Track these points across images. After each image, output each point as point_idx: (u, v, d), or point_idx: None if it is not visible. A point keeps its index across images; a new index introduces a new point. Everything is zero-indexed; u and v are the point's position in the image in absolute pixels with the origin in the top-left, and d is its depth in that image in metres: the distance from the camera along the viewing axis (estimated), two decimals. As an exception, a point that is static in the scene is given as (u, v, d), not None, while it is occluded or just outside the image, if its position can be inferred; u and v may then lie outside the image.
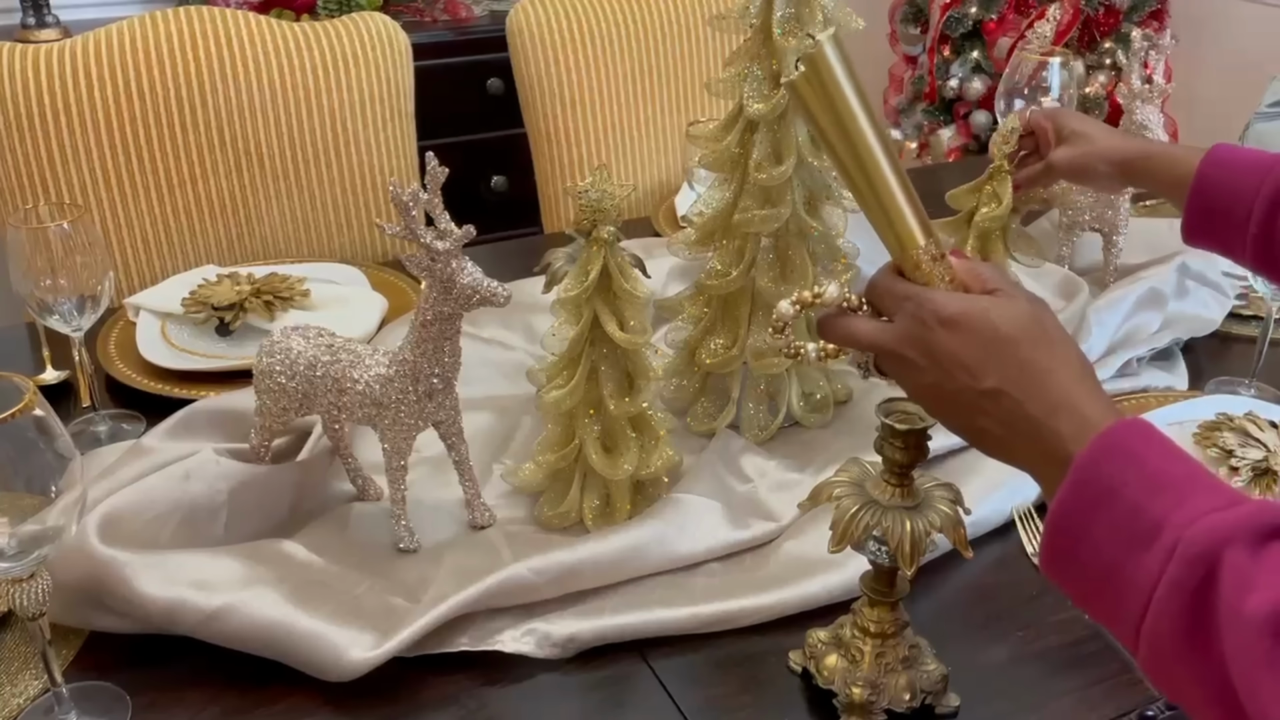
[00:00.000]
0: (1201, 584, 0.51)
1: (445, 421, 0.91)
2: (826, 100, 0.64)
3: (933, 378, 0.63)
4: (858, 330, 0.67)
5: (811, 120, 0.66)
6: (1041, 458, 0.61)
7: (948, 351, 0.62)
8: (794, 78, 0.64)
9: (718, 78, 0.99)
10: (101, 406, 1.11)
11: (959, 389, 0.62)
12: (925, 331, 0.63)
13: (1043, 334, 0.62)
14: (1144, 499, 0.54)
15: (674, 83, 1.72)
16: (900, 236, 0.66)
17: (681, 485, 0.96)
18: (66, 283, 1.01)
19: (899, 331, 0.65)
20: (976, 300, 0.63)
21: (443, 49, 2.32)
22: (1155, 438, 0.57)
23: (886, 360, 0.67)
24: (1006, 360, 0.61)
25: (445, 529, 0.94)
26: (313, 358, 0.88)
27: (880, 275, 0.68)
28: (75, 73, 1.35)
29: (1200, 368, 1.18)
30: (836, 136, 0.65)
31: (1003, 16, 2.64)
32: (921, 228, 0.66)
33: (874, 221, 0.67)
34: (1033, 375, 0.61)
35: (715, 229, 1.04)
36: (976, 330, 0.62)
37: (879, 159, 0.65)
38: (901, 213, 0.65)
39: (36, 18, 2.19)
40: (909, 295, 0.65)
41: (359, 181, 1.51)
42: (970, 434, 0.65)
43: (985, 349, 0.61)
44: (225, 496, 0.87)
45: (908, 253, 0.66)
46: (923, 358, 0.63)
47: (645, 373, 0.94)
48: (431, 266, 0.81)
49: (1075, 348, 0.64)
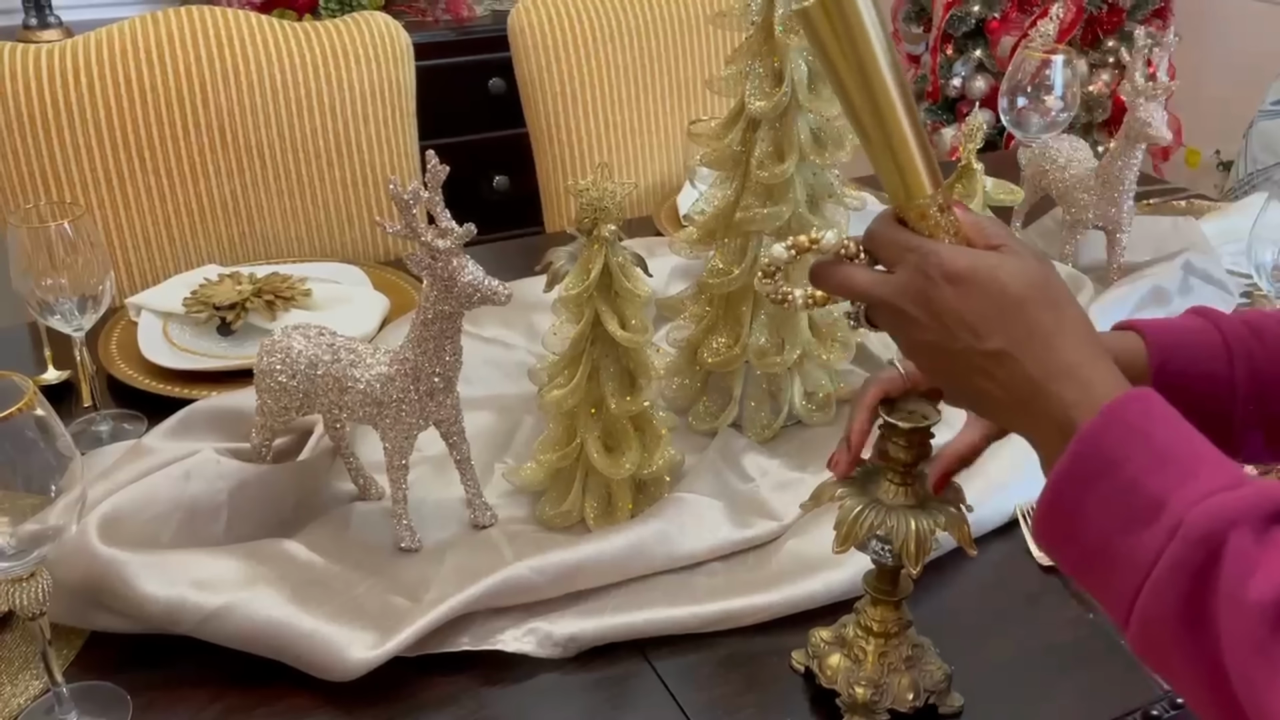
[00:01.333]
0: (1203, 566, 0.50)
1: (446, 420, 0.90)
2: (845, 31, 0.59)
3: (934, 335, 0.61)
4: (855, 279, 0.64)
5: (822, 52, 0.61)
6: (1043, 423, 0.59)
7: (952, 309, 0.59)
8: (810, 4, 0.59)
9: (719, 75, 0.99)
10: (103, 406, 1.10)
11: (961, 348, 0.60)
12: (929, 286, 0.60)
13: (1051, 296, 0.60)
14: (1146, 474, 0.53)
15: (675, 81, 1.72)
16: (909, 184, 0.62)
17: (683, 484, 0.96)
18: (67, 282, 1.01)
19: (900, 284, 0.61)
20: (985, 257, 0.60)
21: (444, 48, 2.32)
22: (1161, 411, 0.55)
23: (883, 313, 0.64)
24: (1013, 321, 0.58)
25: (447, 528, 0.94)
26: (313, 357, 0.87)
27: (881, 223, 0.64)
28: (76, 72, 1.35)
29: (1204, 366, 1.17)
30: (850, 72, 0.60)
31: (1005, 15, 2.64)
32: (931, 177, 0.62)
33: (880, 166, 0.63)
34: (1039, 338, 0.58)
35: (717, 227, 1.04)
36: (983, 288, 0.59)
37: (894, 101, 0.60)
38: (913, 159, 0.61)
39: (38, 18, 2.19)
40: (913, 247, 0.61)
41: (360, 181, 1.51)
42: (968, 394, 0.63)
43: (992, 308, 0.59)
44: (226, 496, 0.87)
45: (914, 202, 0.62)
46: (924, 313, 0.60)
47: (647, 371, 0.93)
48: (432, 265, 0.81)
49: (1082, 312, 0.61)
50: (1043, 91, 1.37)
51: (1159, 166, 2.79)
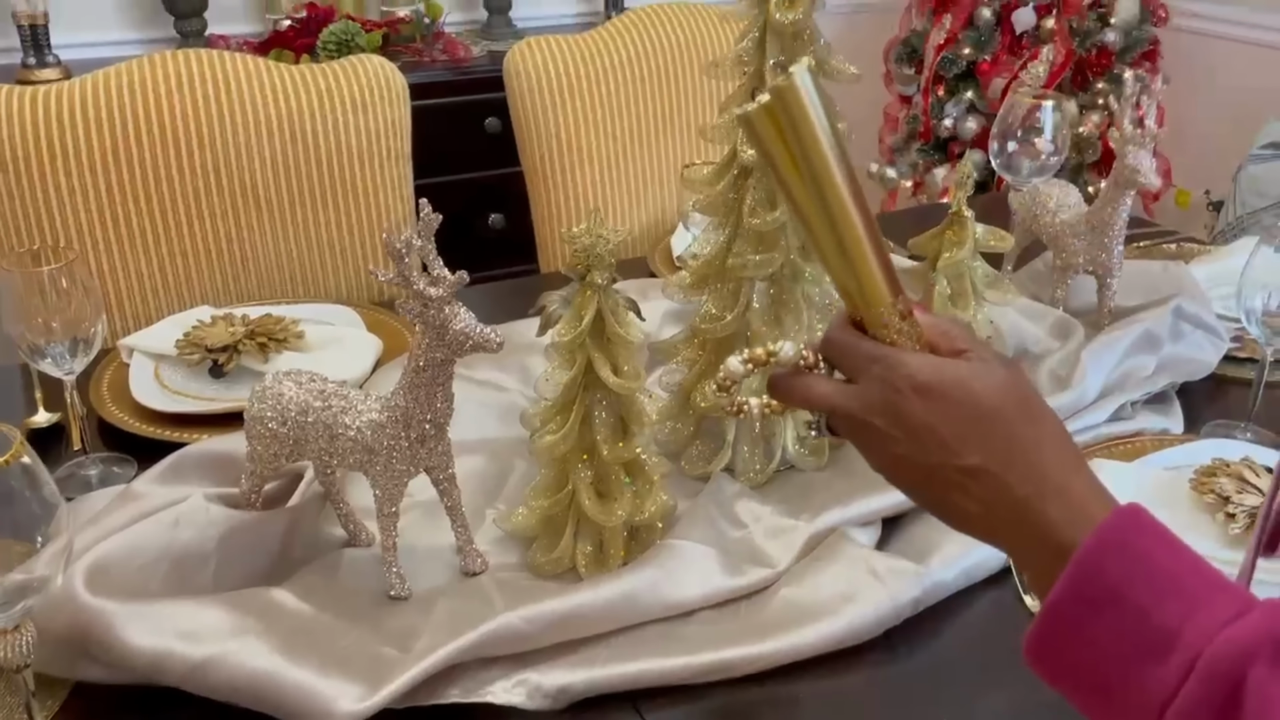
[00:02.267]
0: (1225, 703, 0.49)
1: (437, 467, 0.90)
2: (794, 136, 0.57)
3: (905, 449, 0.58)
4: (816, 391, 0.62)
5: (770, 160, 0.59)
6: (1029, 542, 0.56)
7: (923, 423, 0.57)
8: (751, 110, 0.57)
9: (712, 123, 0.99)
10: (93, 449, 1.10)
11: (936, 463, 0.57)
12: (897, 398, 0.58)
13: (1025, 405, 0.58)
14: (1153, 604, 0.51)
15: (670, 123, 1.73)
16: (866, 292, 0.60)
17: (676, 531, 0.96)
18: (59, 326, 1.01)
19: (866, 396, 0.59)
20: (954, 366, 0.58)
21: (441, 89, 2.34)
22: (1155, 530, 0.54)
23: (848, 425, 0.61)
24: (989, 435, 0.57)
25: (437, 575, 0.93)
26: (304, 403, 0.87)
27: (839, 331, 0.62)
28: (73, 115, 1.35)
29: (1196, 411, 1.18)
30: (801, 181, 0.58)
31: (996, 57, 2.67)
32: (890, 284, 0.60)
33: (834, 274, 0.61)
34: (1019, 453, 0.56)
35: (709, 273, 1.04)
36: (955, 400, 0.57)
37: (849, 208, 0.58)
38: (870, 267, 0.59)
39: (37, 57, 2.21)
40: (876, 357, 0.59)
41: (356, 222, 1.51)
42: (943, 510, 0.60)
43: (966, 422, 0.57)
44: (214, 544, 0.86)
45: (874, 310, 0.60)
46: (893, 427, 0.58)
47: (639, 418, 0.93)
48: (424, 313, 0.81)
49: (1056, 417, 0.60)
50: (1033, 135, 1.38)
51: (1149, 207, 2.81)
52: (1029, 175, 1.37)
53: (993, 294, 1.08)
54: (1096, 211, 1.22)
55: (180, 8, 2.33)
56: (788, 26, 0.92)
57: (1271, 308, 1.08)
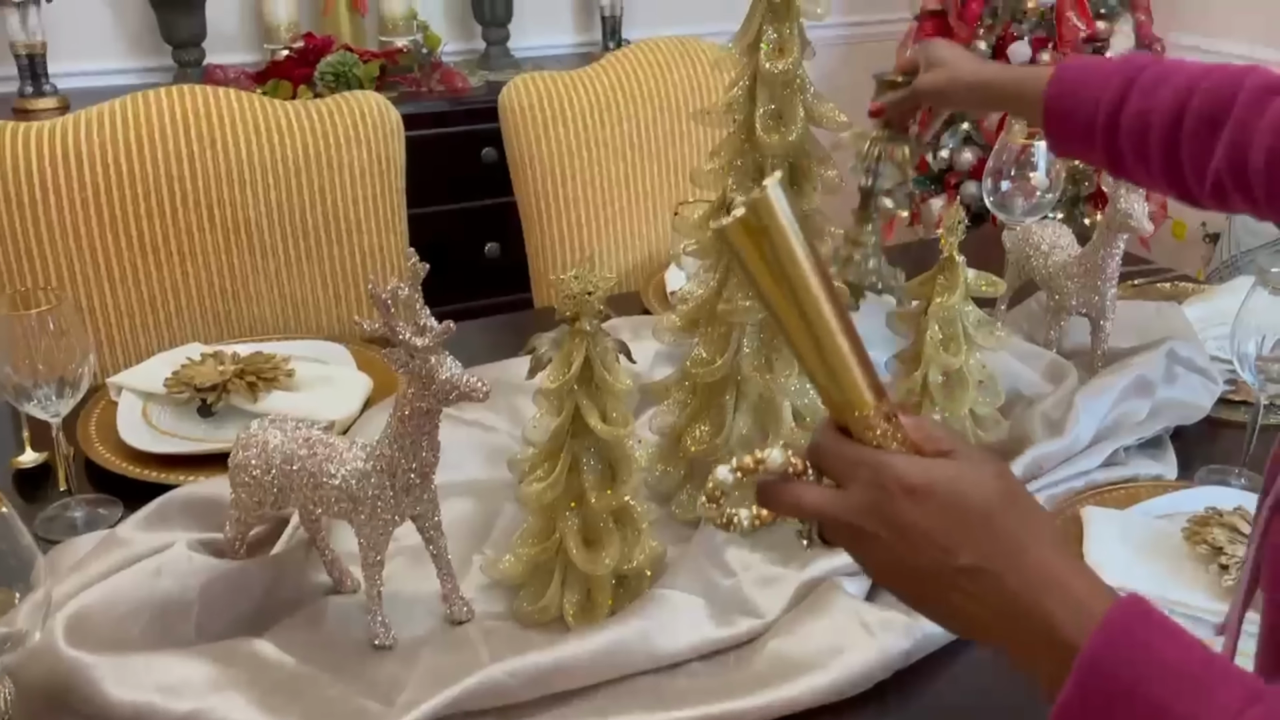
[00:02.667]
0: None
1: (423, 515, 0.89)
2: (770, 249, 0.58)
3: (898, 552, 0.58)
4: (806, 498, 0.61)
5: (746, 270, 0.60)
6: (1031, 640, 0.56)
7: (915, 525, 0.57)
8: (727, 224, 0.58)
9: (702, 168, 0.99)
10: (80, 489, 1.09)
11: (931, 566, 0.57)
12: (887, 501, 0.58)
13: (1015, 502, 0.58)
14: (1165, 700, 0.51)
15: (664, 159, 1.74)
16: (850, 397, 0.60)
17: (665, 578, 0.95)
18: (45, 368, 1.00)
19: (856, 501, 0.59)
20: (941, 467, 0.59)
21: (439, 119, 2.35)
22: (1158, 622, 0.54)
23: (840, 531, 0.61)
24: (982, 534, 0.57)
25: (422, 623, 0.92)
26: (289, 452, 0.87)
27: (825, 436, 0.62)
28: (65, 151, 1.35)
29: (1190, 455, 1.17)
30: (777, 289, 0.59)
31: (992, 89, 2.67)
32: (871, 387, 0.60)
33: (816, 380, 0.62)
34: (1013, 550, 0.57)
35: (700, 316, 1.04)
36: (946, 501, 0.57)
37: (827, 315, 0.59)
38: (851, 372, 0.60)
39: (34, 86, 2.22)
40: (863, 461, 0.59)
41: (348, 258, 1.51)
42: (942, 613, 0.60)
43: (958, 522, 0.57)
44: (197, 593, 0.86)
45: (858, 414, 0.60)
46: (886, 531, 0.58)
47: (628, 465, 0.92)
48: (410, 363, 0.80)
49: (1044, 511, 0.60)
50: (1026, 174, 1.37)
51: (1145, 240, 2.81)
52: (1023, 214, 1.37)
53: (985, 338, 1.07)
54: (1089, 254, 1.22)
55: (178, 37, 2.34)
56: (778, 75, 0.92)
57: (1265, 352, 1.07)
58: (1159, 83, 0.95)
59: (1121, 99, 0.96)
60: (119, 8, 2.40)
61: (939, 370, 1.07)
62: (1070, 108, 0.99)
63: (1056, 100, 0.99)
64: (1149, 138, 0.95)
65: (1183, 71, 0.96)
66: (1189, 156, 0.94)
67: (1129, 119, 0.96)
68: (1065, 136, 1.02)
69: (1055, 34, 2.63)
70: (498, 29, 2.61)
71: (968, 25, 2.70)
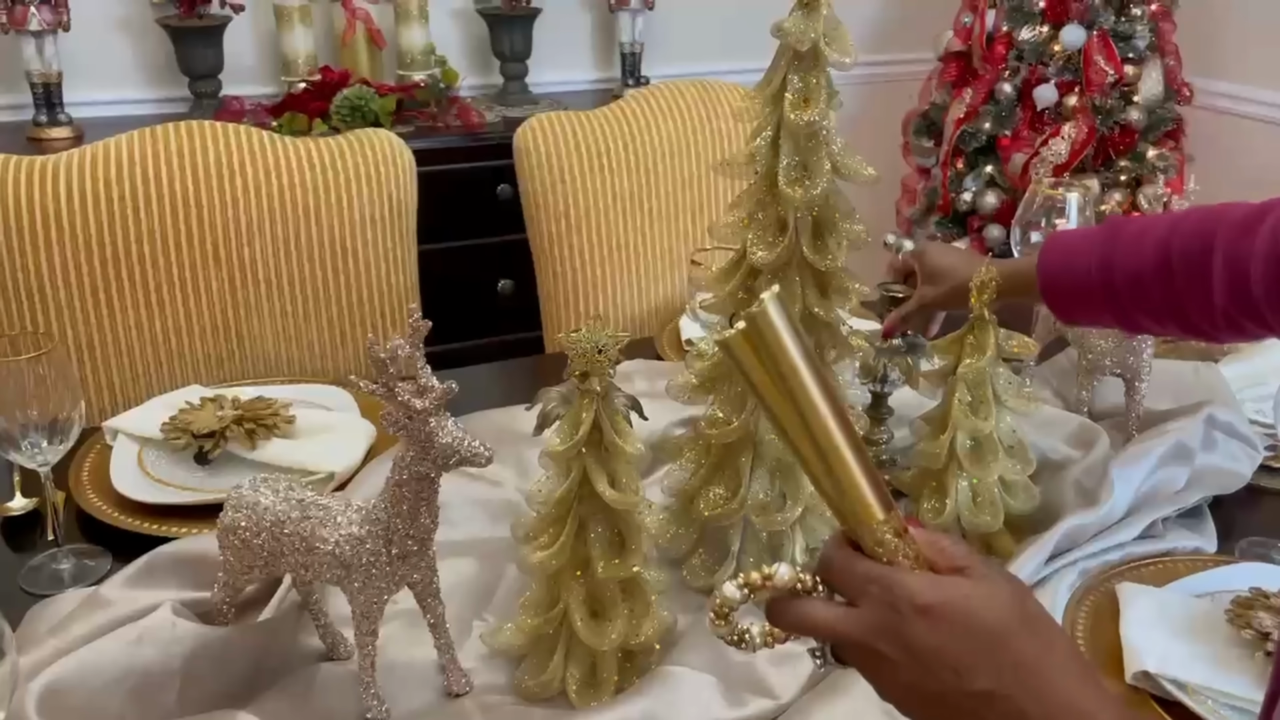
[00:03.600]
0: None
1: (420, 582, 0.85)
2: (770, 362, 0.58)
3: (912, 676, 0.57)
4: (816, 616, 0.59)
5: (750, 383, 0.60)
6: None
7: (928, 647, 0.56)
8: (729, 336, 0.58)
9: (722, 221, 0.95)
10: (71, 538, 1.05)
11: (945, 689, 0.56)
12: (899, 621, 0.56)
13: (1031, 622, 0.57)
14: None
15: (680, 203, 1.70)
16: (858, 511, 0.59)
17: (675, 651, 0.90)
18: (36, 413, 0.97)
19: (867, 621, 0.58)
20: (954, 586, 0.57)
21: (454, 154, 2.32)
22: None
23: (852, 651, 0.59)
24: (996, 657, 0.56)
25: (417, 696, 0.88)
26: (281, 514, 0.82)
27: (834, 551, 0.60)
28: (69, 187, 1.33)
29: (1230, 525, 1.11)
30: (779, 402, 0.59)
31: (1017, 133, 2.63)
32: (880, 500, 0.59)
33: (825, 495, 0.60)
34: (1028, 673, 0.56)
35: (716, 375, 0.99)
36: (958, 622, 0.56)
37: (830, 427, 0.58)
38: (858, 485, 0.59)
39: (49, 115, 2.20)
40: (874, 578, 0.58)
41: (356, 299, 1.47)
42: None
43: (970, 644, 0.56)
44: (179, 663, 0.81)
45: (867, 528, 0.59)
46: (898, 652, 0.56)
47: (637, 533, 0.88)
48: (409, 425, 0.76)
49: (1059, 629, 0.59)
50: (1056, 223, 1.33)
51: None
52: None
53: (1015, 402, 1.02)
54: (1124, 313, 1.17)
55: (196, 69, 2.33)
56: (803, 127, 0.87)
57: (1309, 419, 1.02)
58: (1140, 236, 0.97)
59: (1109, 260, 0.98)
60: (137, 38, 2.39)
61: (967, 435, 1.02)
62: (1066, 282, 1.01)
63: (1050, 278, 1.02)
64: (1147, 290, 0.96)
65: (1160, 221, 0.98)
66: (1189, 298, 0.94)
67: (1122, 277, 0.97)
68: (1068, 309, 1.04)
69: (1082, 77, 2.59)
70: (516, 64, 2.59)
71: (992, 67, 2.67)
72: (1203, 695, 0.86)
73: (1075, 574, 1.00)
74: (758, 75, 0.92)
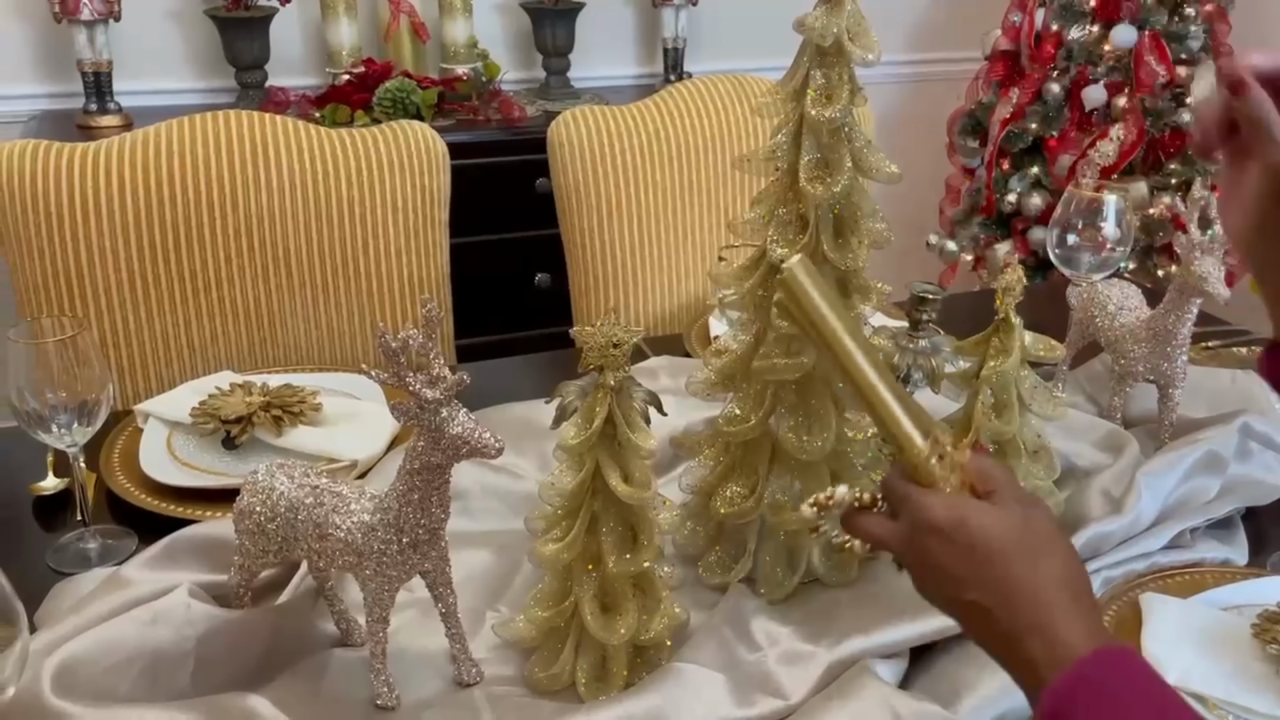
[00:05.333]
0: None
1: (432, 571, 0.85)
2: (805, 317, 0.69)
3: (926, 582, 0.67)
4: (870, 528, 0.70)
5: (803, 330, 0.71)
6: (1019, 675, 0.62)
7: (935, 560, 0.65)
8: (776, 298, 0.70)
9: (743, 218, 0.94)
10: (99, 518, 1.07)
11: (947, 596, 0.65)
12: (918, 536, 0.66)
13: (1029, 545, 0.63)
14: None
15: (712, 201, 1.69)
16: (900, 441, 0.68)
17: (686, 648, 0.89)
18: (66, 395, 0.99)
19: (900, 533, 0.67)
20: (965, 506, 0.65)
21: (494, 148, 2.33)
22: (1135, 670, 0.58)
23: (900, 559, 0.69)
24: (987, 575, 0.63)
25: (427, 684, 0.88)
26: (295, 500, 0.83)
27: (890, 473, 0.70)
28: (108, 174, 1.35)
29: (1263, 537, 1.08)
30: (821, 348, 0.70)
31: (1064, 134, 2.59)
32: (918, 428, 0.68)
33: (875, 424, 0.70)
34: (1011, 592, 0.62)
35: (736, 372, 0.98)
36: (960, 541, 0.64)
37: (862, 367, 0.68)
38: (895, 417, 0.68)
39: (99, 104, 2.24)
40: (905, 497, 0.67)
41: (387, 289, 1.49)
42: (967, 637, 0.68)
43: (967, 561, 0.63)
44: (193, 644, 0.82)
45: (906, 455, 0.68)
46: (915, 562, 0.67)
47: (649, 529, 0.87)
48: (420, 415, 0.76)
49: (1064, 558, 0.64)
50: (1096, 224, 1.30)
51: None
52: (1090, 270, 1.29)
53: (1041, 407, 1.00)
54: (1159, 318, 1.14)
55: (242, 60, 2.36)
56: (825, 123, 0.86)
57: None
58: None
59: None
60: (186, 29, 2.43)
61: (990, 438, 1.00)
62: None
63: None
64: None
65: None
66: None
67: None
68: None
69: (1132, 78, 2.54)
70: (558, 59, 2.60)
71: (1041, 66, 2.62)
72: (1225, 710, 0.84)
73: (1099, 583, 0.98)
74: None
